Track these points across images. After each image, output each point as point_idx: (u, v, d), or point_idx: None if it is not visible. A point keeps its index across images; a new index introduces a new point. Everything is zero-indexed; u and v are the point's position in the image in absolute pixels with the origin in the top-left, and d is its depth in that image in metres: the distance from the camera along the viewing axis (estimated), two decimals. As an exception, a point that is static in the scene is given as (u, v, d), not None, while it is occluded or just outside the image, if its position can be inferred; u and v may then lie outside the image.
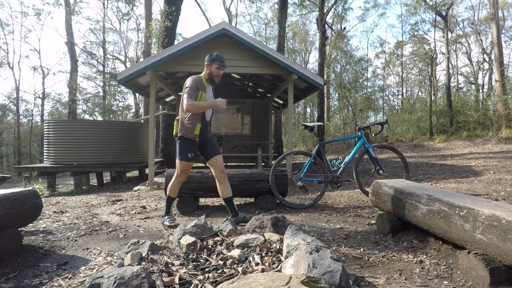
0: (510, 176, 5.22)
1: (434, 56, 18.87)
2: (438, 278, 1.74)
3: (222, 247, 1.99)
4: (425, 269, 1.88)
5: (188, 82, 2.91)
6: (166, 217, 3.13)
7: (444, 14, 16.15)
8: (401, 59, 25.93)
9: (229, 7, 22.10)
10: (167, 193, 3.15)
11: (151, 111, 6.33)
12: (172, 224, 3.02)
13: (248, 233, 2.29)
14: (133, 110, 25.25)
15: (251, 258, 1.77)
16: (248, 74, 7.30)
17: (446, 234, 1.95)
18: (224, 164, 9.39)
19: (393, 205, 2.50)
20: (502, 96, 13.10)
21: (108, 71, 24.39)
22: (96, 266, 2.05)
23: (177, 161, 3.00)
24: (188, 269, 1.66)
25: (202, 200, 4.34)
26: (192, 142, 2.96)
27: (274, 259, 1.76)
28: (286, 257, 1.72)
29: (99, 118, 22.70)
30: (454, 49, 23.52)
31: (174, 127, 3.07)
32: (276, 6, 14.85)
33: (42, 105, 23.71)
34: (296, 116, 26.71)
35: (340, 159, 4.16)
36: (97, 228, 3.00)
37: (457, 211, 1.85)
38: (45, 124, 7.78)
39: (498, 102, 13.64)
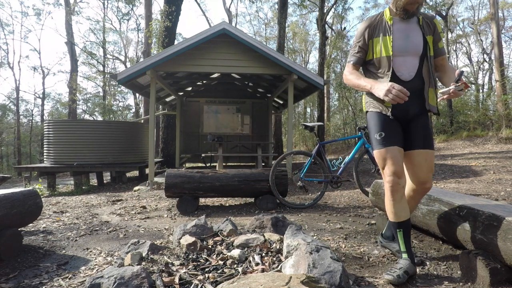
0: (510, 176, 5.22)
1: (434, 56, 18.83)
2: (438, 278, 1.74)
3: (222, 247, 1.99)
4: (425, 269, 1.88)
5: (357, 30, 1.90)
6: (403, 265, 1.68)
7: (444, 14, 16.15)
8: (401, 59, 25.86)
9: (229, 7, 22.11)
10: (389, 217, 1.79)
11: (151, 111, 6.33)
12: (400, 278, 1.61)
13: (248, 233, 2.29)
14: (133, 110, 25.26)
15: (251, 258, 1.77)
16: (248, 74, 7.30)
17: (446, 234, 1.95)
18: (224, 164, 9.50)
19: (393, 205, 2.50)
20: (502, 96, 13.10)
21: (108, 71, 24.40)
22: (96, 266, 2.05)
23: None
24: (188, 269, 1.65)
25: (202, 200, 4.34)
26: (378, 117, 1.83)
27: (274, 259, 1.76)
28: (286, 257, 1.72)
29: (99, 118, 22.70)
30: (454, 49, 23.52)
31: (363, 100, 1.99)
32: (276, 6, 14.85)
33: (42, 105, 23.73)
34: (296, 116, 26.69)
35: (340, 159, 4.16)
36: (97, 228, 3.00)
37: (457, 211, 1.85)
38: (45, 124, 7.78)
39: (498, 102, 13.63)
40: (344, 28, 23.22)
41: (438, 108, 1.84)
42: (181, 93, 9.60)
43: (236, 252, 1.80)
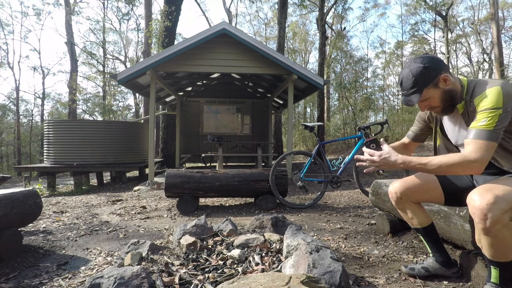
0: (510, 176, 5.22)
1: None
2: (438, 278, 1.74)
3: (222, 247, 1.99)
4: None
5: None
6: None
7: (444, 14, 16.16)
8: (401, 59, 25.93)
9: (229, 7, 22.12)
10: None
11: (151, 111, 6.33)
12: None
13: (248, 233, 2.29)
14: (133, 110, 25.27)
15: (251, 258, 1.77)
16: (248, 74, 7.31)
17: (446, 234, 1.95)
18: (224, 164, 9.51)
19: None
20: (502, 96, 13.09)
21: (108, 71, 24.41)
22: (96, 266, 2.05)
23: None
24: (188, 269, 1.66)
25: (202, 200, 4.34)
26: None
27: (274, 259, 1.76)
28: (286, 257, 1.72)
29: (99, 118, 22.70)
30: (454, 49, 23.52)
31: None
32: (276, 6, 14.84)
33: (42, 105, 23.74)
34: (296, 116, 26.71)
35: (340, 159, 4.16)
36: (97, 228, 3.00)
37: (457, 211, 1.85)
38: (45, 124, 7.78)
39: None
40: (344, 28, 23.25)
41: None
42: (181, 93, 9.61)
43: (236, 252, 1.80)
